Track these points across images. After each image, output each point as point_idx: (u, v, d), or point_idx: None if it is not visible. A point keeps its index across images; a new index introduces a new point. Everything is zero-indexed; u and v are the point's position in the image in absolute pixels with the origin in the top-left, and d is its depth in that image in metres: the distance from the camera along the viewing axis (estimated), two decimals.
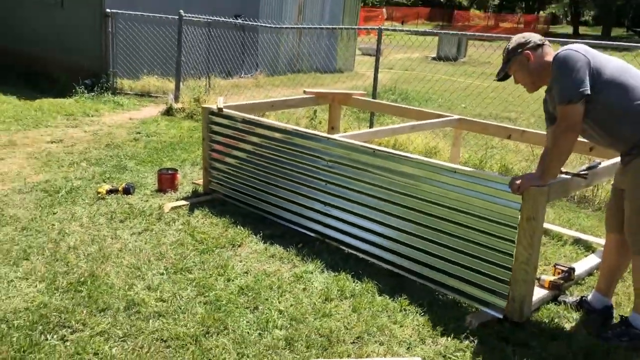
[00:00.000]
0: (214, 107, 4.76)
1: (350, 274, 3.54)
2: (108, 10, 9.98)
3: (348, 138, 3.95)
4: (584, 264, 3.84)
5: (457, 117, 4.96)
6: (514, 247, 3.02)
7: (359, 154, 3.72)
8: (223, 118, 4.70)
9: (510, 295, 3.09)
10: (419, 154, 5.62)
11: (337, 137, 3.97)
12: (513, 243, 3.03)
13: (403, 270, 3.58)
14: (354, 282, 3.46)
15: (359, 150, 3.72)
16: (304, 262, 3.71)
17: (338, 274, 3.53)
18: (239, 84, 11.28)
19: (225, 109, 4.69)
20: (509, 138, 4.72)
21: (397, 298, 3.28)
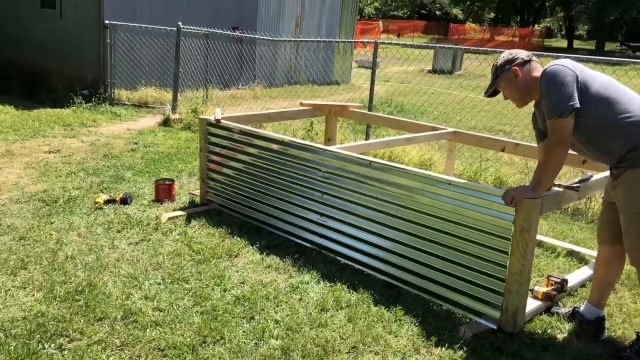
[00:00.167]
0: (212, 118, 4.81)
1: (346, 285, 3.57)
2: (107, 22, 10.06)
3: (344, 150, 4.00)
4: (577, 276, 3.88)
5: (451, 129, 5.02)
6: (508, 258, 3.07)
7: (355, 166, 3.77)
8: (220, 129, 4.75)
9: (504, 306, 3.13)
10: (414, 166, 5.68)
11: (333, 148, 4.02)
12: (506, 254, 3.07)
13: (398, 281, 3.62)
14: (350, 292, 3.49)
15: (355, 162, 3.77)
16: (300, 272, 3.74)
17: (334, 285, 3.57)
18: (237, 95, 11.35)
19: (223, 120, 4.74)
20: (503, 151, 4.77)
21: (392, 308, 3.31)
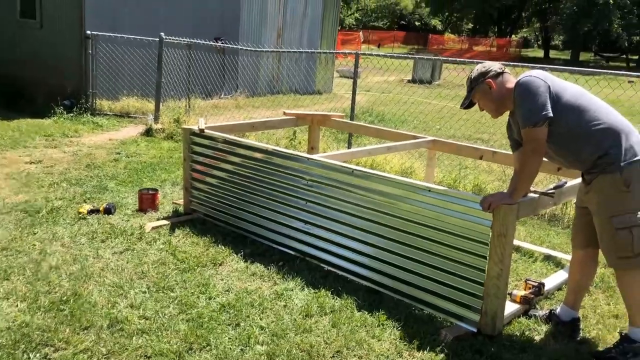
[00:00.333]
0: (196, 127, 4.85)
1: (330, 291, 3.63)
2: (88, 32, 10.04)
3: (327, 158, 4.07)
4: (554, 280, 3.99)
5: (431, 138, 5.13)
6: (486, 262, 3.16)
7: (338, 174, 3.84)
8: (204, 138, 4.79)
9: (483, 310, 3.22)
10: (395, 174, 5.77)
11: (316, 157, 4.10)
12: (485, 259, 3.16)
13: (381, 287, 3.69)
14: (334, 298, 3.56)
15: (338, 170, 3.85)
16: (285, 279, 3.79)
17: (318, 291, 3.63)
18: (219, 105, 11.39)
19: (207, 130, 4.79)
20: (481, 159, 4.89)
21: (375, 313, 3.38)
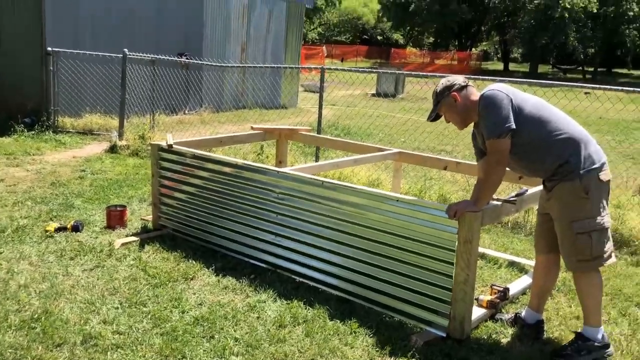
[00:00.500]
0: (164, 143, 4.87)
1: (302, 302, 3.69)
2: (49, 49, 9.92)
3: (296, 171, 4.15)
4: (518, 284, 4.14)
5: (397, 150, 5.26)
6: (453, 268, 3.27)
7: (308, 186, 3.92)
8: (173, 154, 4.81)
9: (452, 315, 3.32)
10: (363, 186, 5.88)
11: (287, 170, 4.17)
12: (452, 265, 3.28)
13: (352, 296, 3.76)
14: (306, 308, 3.61)
15: (309, 183, 3.93)
16: (257, 292, 3.83)
17: (290, 302, 3.68)
18: (184, 121, 11.36)
19: (175, 145, 4.81)
20: (445, 169, 5.04)
21: (347, 322, 3.45)
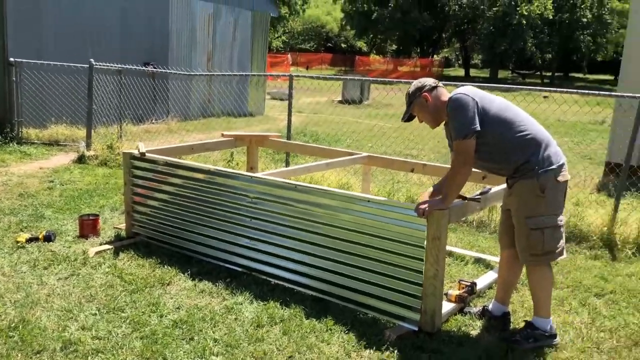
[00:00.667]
0: (136, 152, 4.90)
1: (279, 302, 3.78)
2: (12, 59, 9.78)
3: (269, 176, 4.25)
4: (484, 279, 4.33)
5: (366, 154, 5.42)
6: (423, 264, 3.43)
7: (282, 190, 4.02)
8: (145, 162, 4.85)
9: (423, 309, 3.47)
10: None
11: (260, 175, 4.26)
12: (422, 261, 3.43)
13: (327, 295, 3.88)
14: (283, 309, 3.71)
15: (282, 187, 4.03)
16: (234, 294, 3.91)
17: (267, 303, 3.77)
18: (151, 130, 11.32)
19: (147, 154, 4.85)
20: (412, 171, 5.22)
21: (323, 320, 3.56)
